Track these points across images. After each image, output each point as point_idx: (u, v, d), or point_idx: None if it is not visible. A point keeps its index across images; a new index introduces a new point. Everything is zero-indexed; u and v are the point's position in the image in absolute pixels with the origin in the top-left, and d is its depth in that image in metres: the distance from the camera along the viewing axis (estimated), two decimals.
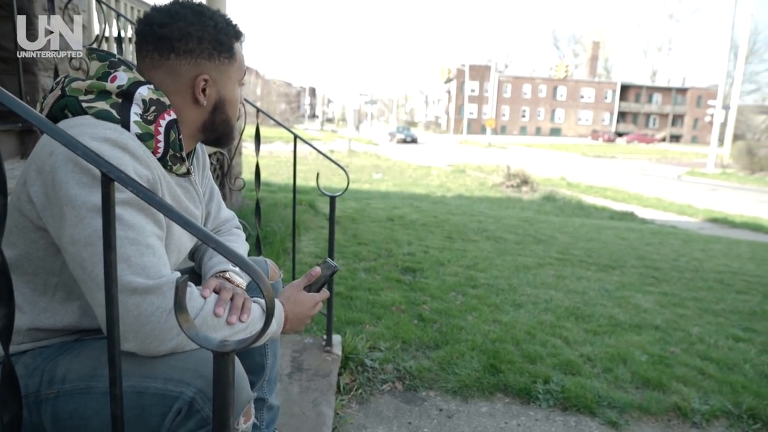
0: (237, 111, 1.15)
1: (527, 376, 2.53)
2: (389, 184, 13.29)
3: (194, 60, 1.04)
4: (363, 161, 22.83)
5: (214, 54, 1.05)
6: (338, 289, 3.63)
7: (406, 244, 5.21)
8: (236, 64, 1.10)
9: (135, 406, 0.89)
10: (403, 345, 2.83)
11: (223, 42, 1.06)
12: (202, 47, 1.04)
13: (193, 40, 1.03)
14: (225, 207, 1.39)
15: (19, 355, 0.98)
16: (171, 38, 1.02)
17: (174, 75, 1.04)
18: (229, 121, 1.13)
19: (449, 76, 68.30)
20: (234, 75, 1.11)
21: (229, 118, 1.13)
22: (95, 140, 0.90)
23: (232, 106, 1.12)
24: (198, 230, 0.74)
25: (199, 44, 1.03)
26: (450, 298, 3.63)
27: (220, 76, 1.08)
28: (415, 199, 9.77)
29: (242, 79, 1.14)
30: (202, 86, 1.06)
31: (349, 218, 6.56)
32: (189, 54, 1.03)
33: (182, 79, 1.04)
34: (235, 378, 0.89)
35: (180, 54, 1.03)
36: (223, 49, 1.06)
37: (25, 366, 0.96)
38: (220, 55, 1.06)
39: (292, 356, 2.37)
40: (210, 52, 1.05)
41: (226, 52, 1.07)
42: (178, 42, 1.02)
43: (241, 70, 1.13)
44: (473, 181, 14.77)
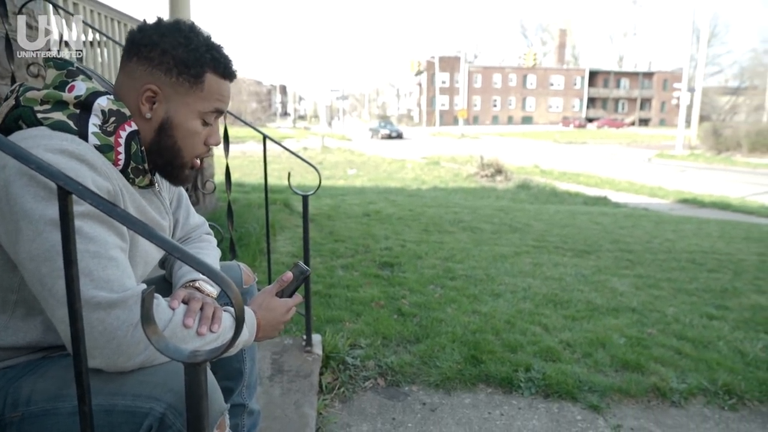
0: (194, 146, 1.06)
1: (508, 365, 2.55)
2: (364, 179, 13.24)
3: (150, 69, 1.00)
4: (337, 157, 22.73)
5: (174, 71, 1.00)
6: (316, 287, 3.61)
7: (383, 239, 5.20)
8: (200, 94, 1.03)
9: (104, 425, 0.86)
10: (383, 341, 2.82)
11: (188, 63, 1.00)
12: (163, 59, 0.99)
13: (157, 50, 0.99)
14: (194, 213, 1.35)
15: None
16: (140, 43, 1.00)
17: (130, 78, 1.01)
18: (178, 150, 1.05)
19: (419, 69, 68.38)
20: (193, 103, 1.03)
21: (177, 146, 1.05)
22: (50, 152, 0.87)
23: (181, 134, 1.04)
24: (163, 241, 0.71)
25: (161, 56, 0.99)
26: (429, 291, 3.63)
27: (174, 95, 1.02)
28: (391, 193, 9.77)
29: (209, 114, 1.06)
30: (147, 95, 1.01)
31: (324, 215, 6.52)
32: (148, 61, 1.00)
33: (135, 83, 1.01)
34: (207, 389, 0.87)
35: (141, 59, 1.00)
36: (185, 71, 1.00)
37: None
38: (180, 75, 1.00)
39: (272, 358, 2.34)
40: (169, 67, 1.00)
41: (188, 75, 1.01)
42: (144, 47, 1.00)
43: (206, 102, 1.04)
44: (447, 173, 14.82)
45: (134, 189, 1.04)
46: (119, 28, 4.17)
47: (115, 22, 4.08)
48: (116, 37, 4.11)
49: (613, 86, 73.30)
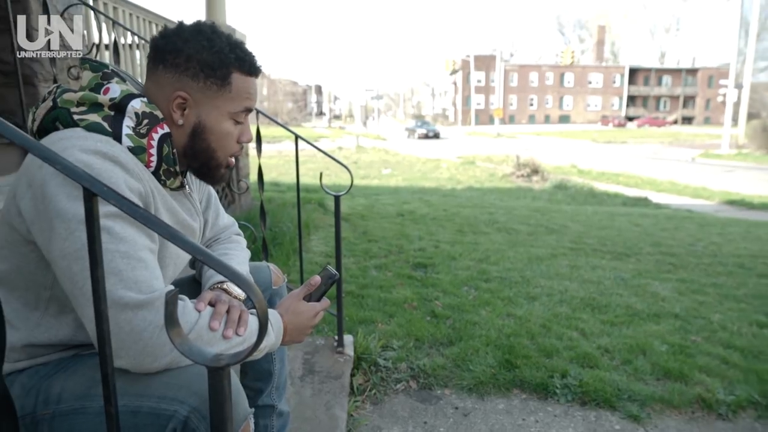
0: (227, 146, 1.07)
1: (544, 370, 2.48)
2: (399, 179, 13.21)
3: (177, 75, 1.00)
4: (372, 157, 22.77)
5: (200, 75, 1.00)
6: (349, 287, 3.60)
7: (417, 240, 5.16)
8: (228, 95, 1.03)
9: (130, 426, 0.87)
10: (416, 343, 2.79)
11: (213, 66, 1.00)
12: (189, 65, 1.00)
13: (182, 56, 0.99)
14: (224, 214, 1.35)
15: (17, 374, 0.96)
16: (164, 50, 1.00)
17: (158, 86, 1.02)
18: (212, 152, 1.06)
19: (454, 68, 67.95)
20: (223, 105, 1.03)
21: (211, 148, 1.06)
22: (85, 153, 0.88)
23: (215, 136, 1.05)
24: (186, 243, 0.70)
25: (187, 61, 0.99)
26: (462, 293, 3.57)
27: (204, 100, 1.02)
28: (425, 193, 9.70)
29: (239, 114, 1.06)
30: (178, 102, 1.01)
31: (358, 215, 6.52)
32: (174, 68, 1.00)
33: (164, 92, 1.01)
34: (231, 393, 0.86)
35: (167, 66, 1.01)
36: (212, 74, 1.00)
37: (21, 386, 0.94)
38: (207, 79, 1.00)
39: (304, 358, 2.33)
40: (195, 72, 1.00)
41: (215, 78, 1.01)
42: (168, 54, 1.00)
43: (236, 102, 1.04)
44: (483, 173, 14.64)
45: (165, 190, 1.05)
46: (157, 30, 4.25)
47: (153, 24, 4.16)
48: None
49: (654, 84, 71.25)
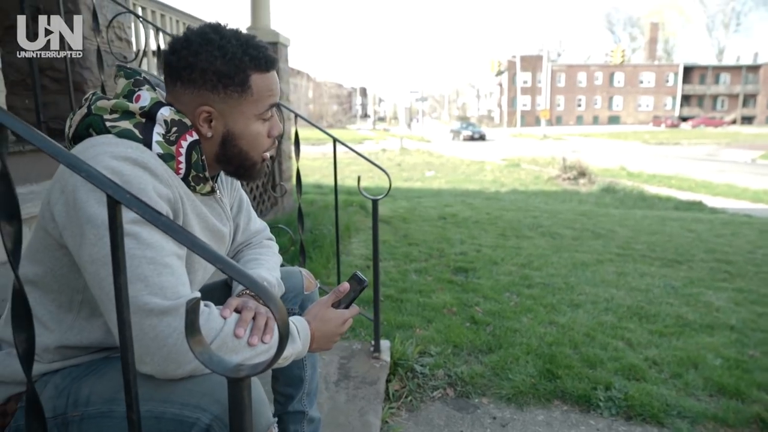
0: (259, 145, 1.07)
1: (587, 381, 2.39)
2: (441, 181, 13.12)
3: (197, 91, 0.99)
4: (415, 159, 22.71)
5: (219, 86, 0.99)
6: (388, 291, 3.58)
7: (459, 243, 5.09)
8: (251, 98, 1.02)
9: (154, 431, 0.87)
10: (454, 349, 2.74)
11: (230, 75, 0.99)
12: (205, 79, 0.98)
13: (196, 71, 0.98)
14: (256, 218, 1.35)
15: (51, 375, 0.98)
16: (177, 66, 0.99)
17: (181, 103, 1.01)
18: (245, 154, 1.06)
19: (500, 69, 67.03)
20: (248, 109, 1.02)
21: (243, 151, 1.06)
22: (116, 159, 0.89)
23: (245, 141, 1.05)
24: (206, 251, 0.70)
25: (202, 75, 0.98)
26: (504, 299, 3.50)
27: (227, 109, 1.01)
28: (468, 195, 9.59)
29: (265, 113, 1.05)
30: (204, 117, 1.01)
31: (400, 218, 6.49)
32: (192, 84, 0.99)
33: (187, 108, 1.01)
34: (252, 403, 0.85)
35: (184, 83, 1.00)
36: (230, 83, 0.99)
37: (54, 386, 0.96)
38: (226, 89, 0.99)
39: (340, 363, 2.32)
40: (214, 84, 0.99)
41: (234, 86, 1.00)
42: (183, 71, 0.99)
43: (260, 103, 1.03)
44: (528, 175, 14.36)
45: (195, 196, 1.05)
46: None
47: None
48: None
49: (710, 82, 68.32)
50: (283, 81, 6.27)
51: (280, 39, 6.05)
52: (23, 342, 0.72)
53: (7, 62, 2.50)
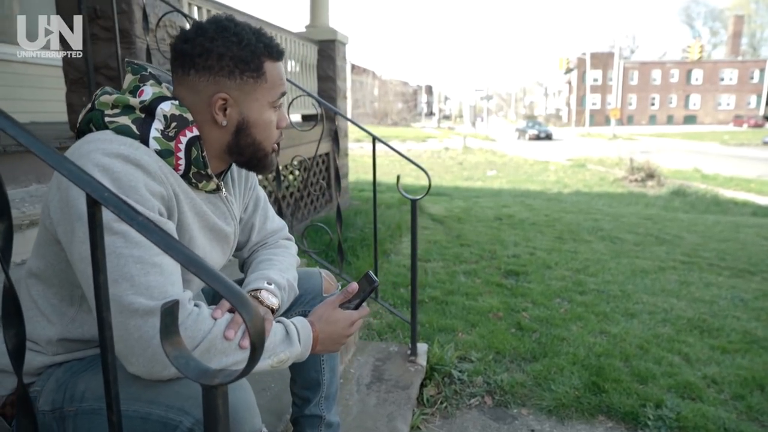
0: (271, 135, 1.07)
1: (635, 397, 2.25)
2: (502, 181, 12.84)
3: (213, 77, 0.98)
4: (478, 158, 22.39)
5: (236, 72, 0.98)
6: (434, 293, 3.52)
7: (512, 245, 4.95)
8: (265, 85, 1.02)
9: (140, 431, 0.86)
10: (496, 356, 2.65)
11: (246, 60, 0.98)
12: (222, 64, 0.97)
13: (213, 57, 0.97)
14: (273, 218, 1.33)
15: (55, 368, 0.99)
16: (192, 54, 0.97)
17: (194, 92, 1.00)
18: (258, 144, 1.05)
19: (569, 66, 64.96)
20: (262, 96, 1.02)
21: (256, 141, 1.05)
22: (107, 156, 0.88)
23: (259, 129, 1.04)
24: (179, 253, 0.67)
25: (219, 61, 0.97)
26: (553, 305, 3.36)
27: (242, 96, 1.00)
28: (528, 196, 9.32)
29: (277, 101, 1.05)
30: (219, 105, 0.99)
31: (454, 218, 6.40)
32: (208, 71, 0.98)
33: (202, 96, 0.99)
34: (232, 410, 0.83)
35: (199, 70, 0.98)
36: (246, 68, 0.99)
37: (56, 380, 0.97)
38: (242, 74, 0.99)
39: (375, 365, 2.30)
40: (231, 69, 0.98)
41: (250, 71, 0.99)
42: (198, 58, 0.97)
43: (273, 91, 1.03)
44: (593, 176, 13.80)
45: (197, 194, 1.04)
46: None
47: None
48: None
49: None
50: (339, 78, 6.31)
51: (338, 36, 6.10)
52: (12, 337, 0.73)
53: (67, 61, 2.62)
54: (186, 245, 0.96)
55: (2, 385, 1.00)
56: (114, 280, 0.83)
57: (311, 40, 5.87)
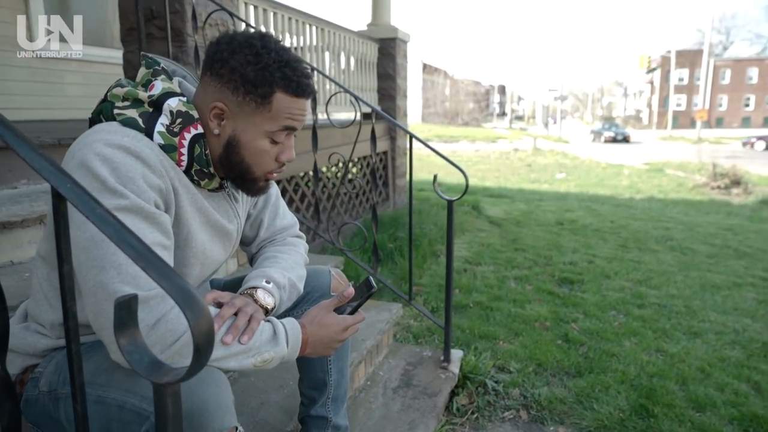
0: (263, 163, 1.03)
1: (689, 426, 2.07)
2: (570, 184, 12.34)
3: (220, 86, 0.98)
4: (547, 160, 21.70)
5: (240, 90, 0.97)
6: (479, 298, 3.41)
7: (570, 252, 4.73)
8: (267, 114, 0.99)
9: (116, 419, 0.87)
10: (537, 368, 2.52)
11: (255, 83, 0.96)
12: (232, 77, 0.97)
13: (227, 68, 0.97)
14: (284, 215, 1.30)
15: (58, 351, 1.01)
16: (213, 58, 0.99)
17: (204, 93, 1.01)
18: (247, 167, 1.03)
19: (650, 65, 61.73)
20: (260, 123, 0.99)
21: (245, 163, 1.02)
22: (109, 146, 0.89)
23: (249, 152, 1.01)
24: (130, 247, 0.65)
25: (231, 73, 0.97)
26: (607, 318, 3.16)
27: (241, 114, 0.99)
28: (596, 201, 8.90)
29: (277, 133, 1.01)
30: (215, 112, 0.99)
31: (513, 221, 6.20)
32: (218, 78, 0.98)
33: (207, 99, 1.00)
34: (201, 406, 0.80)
35: (213, 75, 0.99)
36: (252, 90, 0.97)
37: (56, 363, 0.99)
38: (246, 95, 0.97)
39: (405, 369, 2.23)
40: (236, 85, 0.97)
41: (255, 95, 0.97)
42: (216, 63, 0.98)
43: (274, 122, 1.00)
44: (670, 182, 12.98)
45: (200, 191, 1.03)
46: (316, 33, 4.45)
47: (312, 27, 4.36)
48: (312, 41, 4.39)
49: None
50: (399, 77, 6.27)
51: (398, 35, 6.05)
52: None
53: (127, 60, 2.72)
54: (183, 240, 0.97)
55: (12, 365, 1.04)
56: (102, 267, 0.84)
57: (372, 38, 5.86)
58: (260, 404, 1.58)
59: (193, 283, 1.08)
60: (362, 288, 1.10)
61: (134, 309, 0.64)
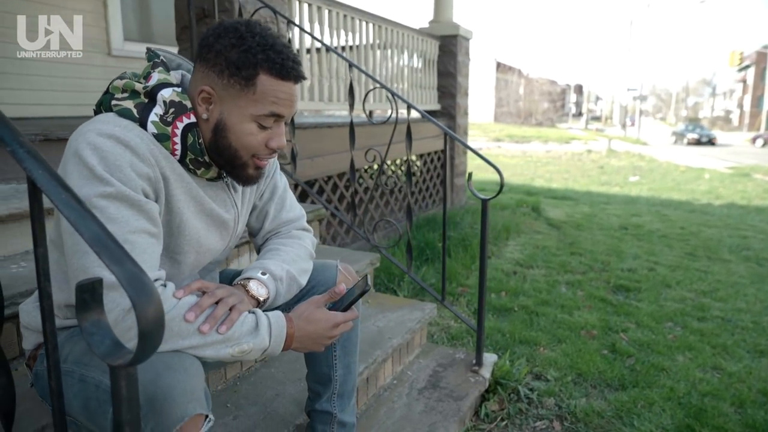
0: (249, 146, 1.03)
1: None
2: (643, 188, 11.70)
3: (207, 70, 1.00)
4: (622, 162, 20.73)
5: (225, 73, 0.98)
6: (526, 302, 3.30)
7: (631, 258, 4.49)
8: (251, 96, 0.99)
9: (94, 398, 0.90)
10: (577, 378, 2.41)
11: (238, 65, 0.97)
12: (217, 61, 0.99)
13: (212, 52, 0.99)
14: (291, 207, 1.30)
15: (63, 331, 1.05)
16: (201, 45, 1.02)
17: (195, 80, 1.03)
18: (235, 152, 1.03)
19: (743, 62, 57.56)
20: (245, 105, 1.00)
21: (233, 147, 1.03)
22: (100, 136, 0.92)
23: (235, 136, 1.02)
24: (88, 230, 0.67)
25: (216, 57, 0.99)
26: (661, 330, 2.98)
27: (227, 97, 1.00)
28: (668, 205, 8.40)
29: (263, 117, 1.01)
30: (203, 96, 1.01)
31: (573, 224, 5.97)
32: (205, 63, 1.00)
33: (196, 84, 1.02)
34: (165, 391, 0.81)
35: (201, 60, 1.01)
36: (236, 73, 0.98)
37: (60, 342, 1.03)
38: (231, 77, 0.98)
39: (435, 370, 2.19)
40: (221, 68, 0.98)
41: (238, 77, 0.98)
42: (203, 49, 1.01)
43: (259, 105, 1.00)
44: (756, 187, 12.02)
45: (195, 179, 1.05)
46: (373, 30, 4.46)
47: (370, 24, 4.37)
48: (369, 39, 4.40)
49: None
50: (461, 74, 6.17)
51: (460, 32, 5.96)
52: None
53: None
54: (176, 227, 0.99)
55: (27, 341, 1.10)
56: (84, 252, 0.87)
57: (432, 35, 5.81)
58: (275, 395, 1.60)
59: (188, 270, 1.10)
60: (356, 286, 1.09)
61: (99, 292, 0.66)
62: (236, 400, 1.56)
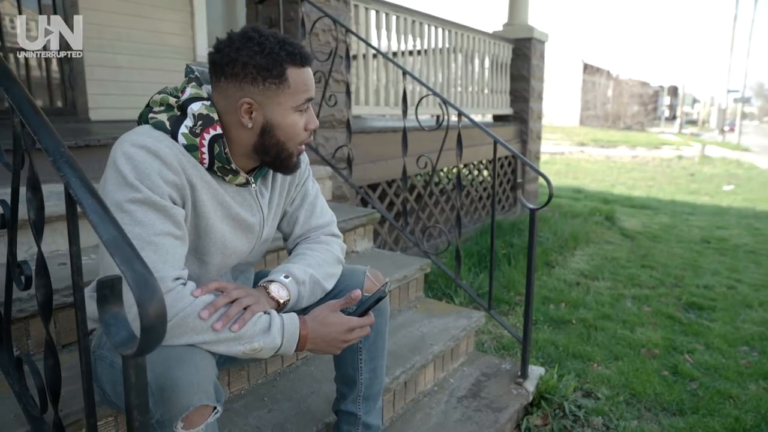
0: (296, 136, 1.12)
1: None
2: (737, 198, 10.85)
3: (239, 84, 1.06)
4: (716, 169, 19.33)
5: (258, 79, 1.05)
6: (585, 315, 3.20)
7: (709, 274, 4.21)
8: (288, 90, 1.08)
9: (108, 379, 1.02)
10: (630, 398, 2.31)
11: (268, 67, 1.05)
12: (246, 72, 1.05)
13: (238, 65, 1.05)
14: (321, 214, 1.35)
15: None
16: (221, 63, 1.06)
17: (225, 97, 1.08)
18: (282, 145, 1.12)
19: None
20: (285, 101, 1.08)
21: (280, 142, 1.11)
22: (133, 146, 1.01)
23: (282, 131, 1.10)
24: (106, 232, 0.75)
25: (243, 69, 1.05)
26: (733, 353, 2.78)
27: (266, 100, 1.07)
28: (762, 218, 7.74)
29: (301, 105, 1.10)
30: (245, 108, 1.07)
31: (649, 235, 5.68)
32: (234, 78, 1.06)
33: (230, 101, 1.08)
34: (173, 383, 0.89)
35: (228, 77, 1.06)
36: (268, 75, 1.05)
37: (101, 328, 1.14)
38: (265, 81, 1.05)
39: (478, 379, 2.18)
40: (254, 76, 1.05)
41: (272, 78, 1.06)
42: (227, 66, 1.06)
43: (296, 96, 1.09)
44: None
45: (223, 186, 1.12)
46: (443, 35, 4.46)
47: (438, 29, 4.38)
48: (439, 44, 4.41)
49: None
50: (534, 78, 6.04)
51: (534, 34, 5.83)
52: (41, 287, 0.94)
53: None
54: (203, 230, 1.09)
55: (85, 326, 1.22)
56: (140, 248, 0.95)
57: (506, 38, 5.72)
58: (310, 393, 1.66)
59: (214, 270, 1.17)
60: (376, 292, 1.12)
61: (118, 288, 0.73)
62: (273, 395, 1.64)
